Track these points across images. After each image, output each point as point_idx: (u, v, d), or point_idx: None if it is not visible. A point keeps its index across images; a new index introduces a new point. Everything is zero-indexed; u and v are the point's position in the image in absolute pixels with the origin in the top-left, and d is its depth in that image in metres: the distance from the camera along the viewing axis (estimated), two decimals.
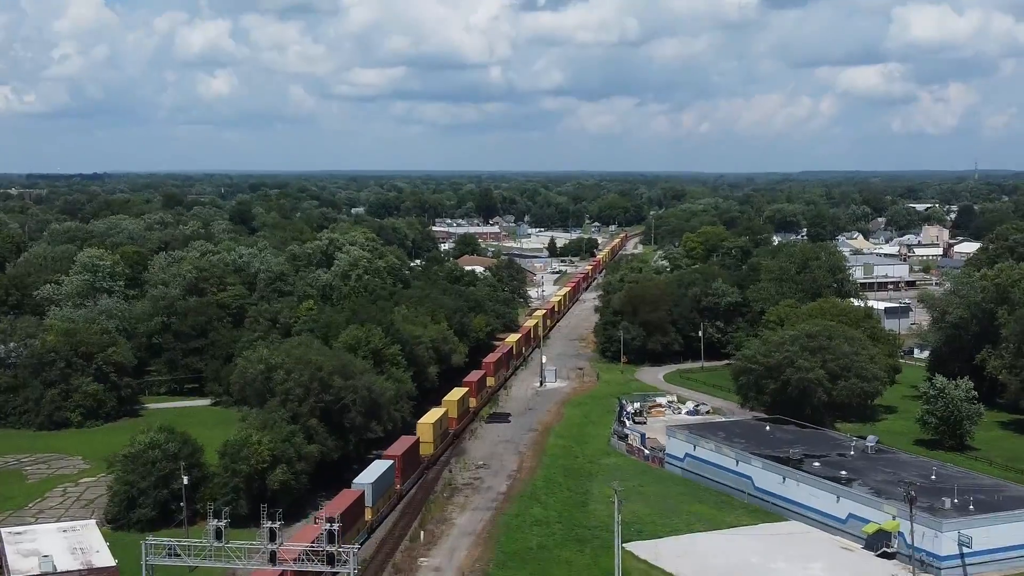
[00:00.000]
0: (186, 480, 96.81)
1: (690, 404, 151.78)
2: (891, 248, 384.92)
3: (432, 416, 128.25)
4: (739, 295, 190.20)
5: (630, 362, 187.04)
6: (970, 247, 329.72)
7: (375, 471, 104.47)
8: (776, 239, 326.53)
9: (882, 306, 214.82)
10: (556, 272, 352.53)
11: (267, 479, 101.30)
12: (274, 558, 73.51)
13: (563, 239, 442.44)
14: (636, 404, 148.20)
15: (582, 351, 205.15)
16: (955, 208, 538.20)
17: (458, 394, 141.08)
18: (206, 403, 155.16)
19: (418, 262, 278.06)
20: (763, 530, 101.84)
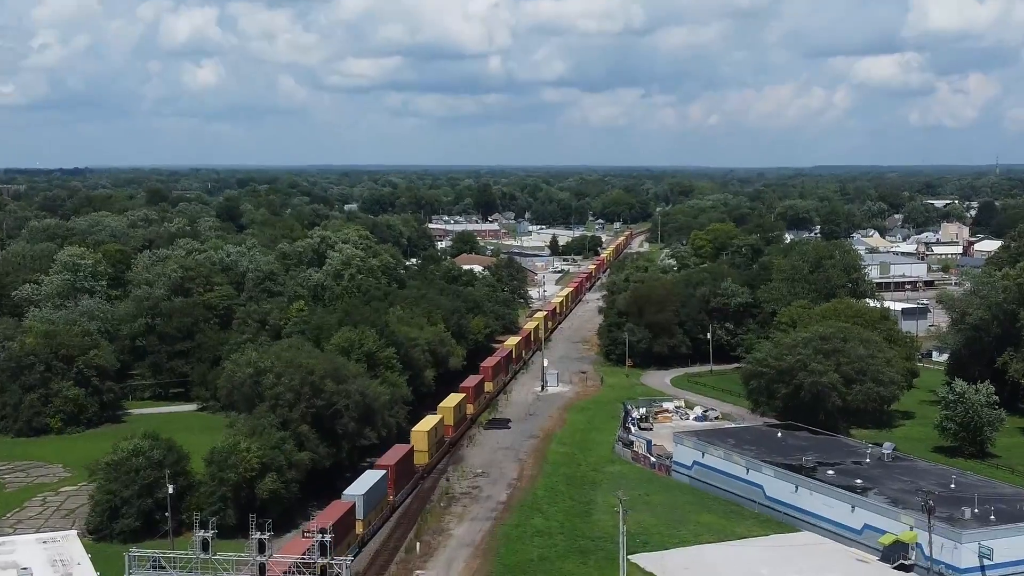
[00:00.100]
0: (171, 489, 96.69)
1: (698, 409, 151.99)
2: (908, 246, 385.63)
3: (427, 424, 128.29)
4: (749, 295, 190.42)
5: (635, 365, 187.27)
6: (991, 245, 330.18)
7: (366, 482, 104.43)
8: (788, 237, 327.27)
9: (899, 307, 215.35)
10: (558, 271, 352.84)
11: (256, 488, 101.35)
12: (263, 570, 73.63)
13: (565, 237, 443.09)
14: (642, 409, 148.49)
15: (585, 354, 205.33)
16: (975, 204, 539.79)
17: (454, 400, 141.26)
18: (192, 408, 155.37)
19: (414, 261, 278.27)
20: (775, 541, 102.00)
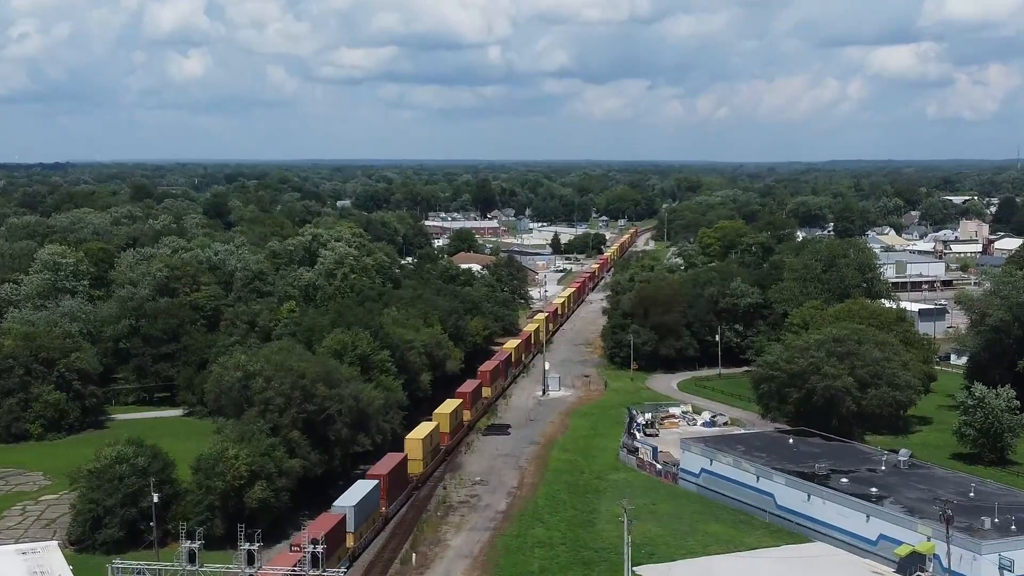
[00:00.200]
0: (156, 498, 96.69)
1: (706, 415, 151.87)
2: (926, 244, 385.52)
3: (421, 431, 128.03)
4: (760, 296, 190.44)
5: (641, 369, 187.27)
6: (1012, 243, 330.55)
7: (358, 492, 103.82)
8: (800, 235, 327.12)
9: (916, 308, 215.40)
10: (560, 271, 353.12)
11: (245, 497, 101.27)
12: None
13: (567, 235, 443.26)
14: (647, 414, 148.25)
15: (588, 357, 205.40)
16: (995, 201, 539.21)
17: (450, 406, 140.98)
18: (178, 413, 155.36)
19: (409, 260, 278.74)
20: (786, 552, 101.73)
